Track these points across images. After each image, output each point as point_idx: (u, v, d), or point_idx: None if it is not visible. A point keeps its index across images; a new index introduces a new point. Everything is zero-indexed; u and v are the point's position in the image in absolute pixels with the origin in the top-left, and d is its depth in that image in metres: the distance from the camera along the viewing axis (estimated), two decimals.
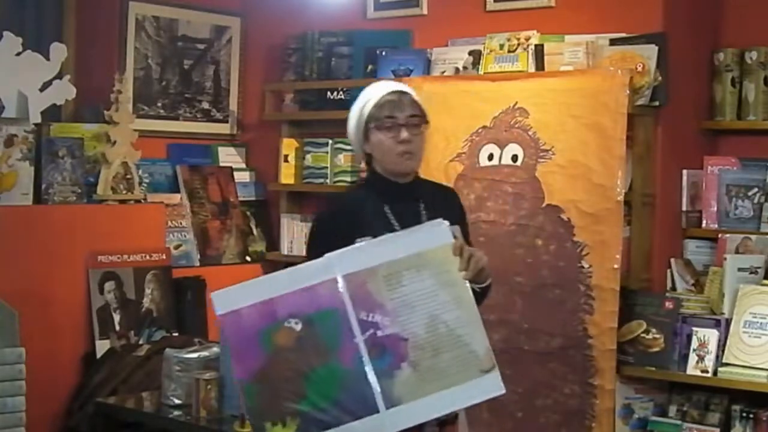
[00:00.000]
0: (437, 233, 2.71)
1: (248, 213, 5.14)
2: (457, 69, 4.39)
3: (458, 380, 2.63)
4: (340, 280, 2.64)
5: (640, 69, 3.87)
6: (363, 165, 3.14)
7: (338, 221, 2.93)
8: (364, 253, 2.68)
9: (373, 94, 2.97)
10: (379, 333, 2.62)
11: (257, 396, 2.63)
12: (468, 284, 2.69)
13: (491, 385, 2.65)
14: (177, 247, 4.70)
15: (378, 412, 2.60)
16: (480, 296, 2.85)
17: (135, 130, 4.39)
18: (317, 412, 2.60)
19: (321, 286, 2.65)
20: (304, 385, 2.62)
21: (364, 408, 2.60)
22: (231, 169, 5.11)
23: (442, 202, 3.04)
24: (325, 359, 2.62)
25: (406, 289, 2.65)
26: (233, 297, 2.69)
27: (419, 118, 2.95)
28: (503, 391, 2.66)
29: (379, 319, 2.63)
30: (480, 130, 4.12)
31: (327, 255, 2.68)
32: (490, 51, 4.29)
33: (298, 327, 2.63)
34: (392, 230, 2.85)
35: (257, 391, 2.63)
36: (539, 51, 4.16)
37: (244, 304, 2.66)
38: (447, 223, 2.73)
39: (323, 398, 2.61)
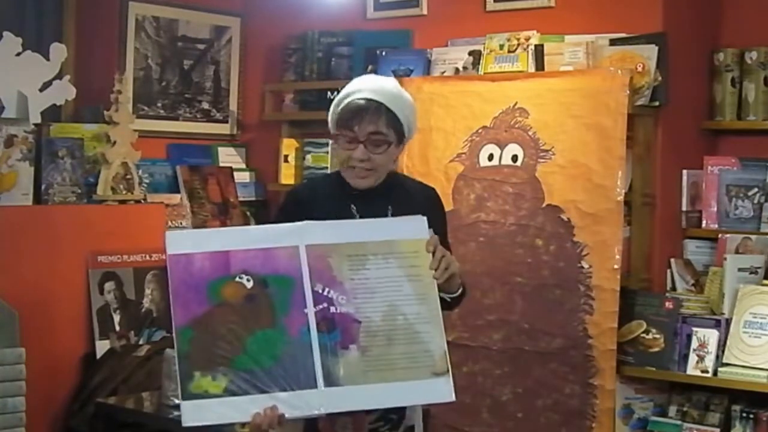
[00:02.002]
0: (414, 226, 2.62)
1: (248, 213, 5.13)
2: (457, 69, 4.39)
3: (406, 376, 2.52)
4: (302, 249, 2.54)
5: (640, 69, 3.87)
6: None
7: (309, 200, 2.75)
8: (334, 229, 2.59)
9: (350, 91, 2.68)
10: (332, 309, 2.52)
11: (192, 341, 2.49)
12: (435, 284, 2.59)
13: (441, 390, 2.54)
14: None
15: (315, 387, 2.47)
16: (451, 305, 2.73)
17: (135, 131, 4.38)
18: (250, 376, 2.47)
19: (281, 251, 2.54)
20: (242, 345, 2.48)
21: (301, 381, 2.47)
22: (231, 170, 5.10)
23: (418, 202, 2.76)
24: (270, 324, 2.51)
25: (369, 273, 2.56)
26: (188, 240, 2.59)
27: (382, 137, 2.63)
28: (453, 399, 2.54)
29: (335, 296, 2.53)
30: (480, 130, 4.12)
31: (295, 222, 2.58)
32: (490, 51, 4.29)
33: (249, 284, 2.53)
34: None
35: (193, 336, 2.49)
36: (539, 51, 4.15)
37: (198, 249, 2.55)
38: (426, 219, 2.63)
39: (258, 363, 2.48)
